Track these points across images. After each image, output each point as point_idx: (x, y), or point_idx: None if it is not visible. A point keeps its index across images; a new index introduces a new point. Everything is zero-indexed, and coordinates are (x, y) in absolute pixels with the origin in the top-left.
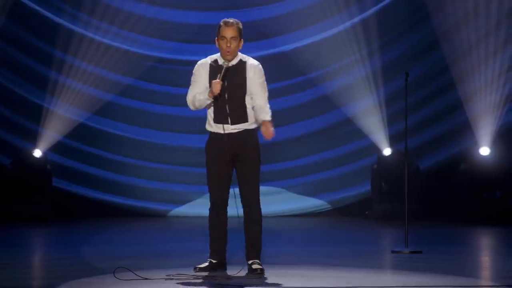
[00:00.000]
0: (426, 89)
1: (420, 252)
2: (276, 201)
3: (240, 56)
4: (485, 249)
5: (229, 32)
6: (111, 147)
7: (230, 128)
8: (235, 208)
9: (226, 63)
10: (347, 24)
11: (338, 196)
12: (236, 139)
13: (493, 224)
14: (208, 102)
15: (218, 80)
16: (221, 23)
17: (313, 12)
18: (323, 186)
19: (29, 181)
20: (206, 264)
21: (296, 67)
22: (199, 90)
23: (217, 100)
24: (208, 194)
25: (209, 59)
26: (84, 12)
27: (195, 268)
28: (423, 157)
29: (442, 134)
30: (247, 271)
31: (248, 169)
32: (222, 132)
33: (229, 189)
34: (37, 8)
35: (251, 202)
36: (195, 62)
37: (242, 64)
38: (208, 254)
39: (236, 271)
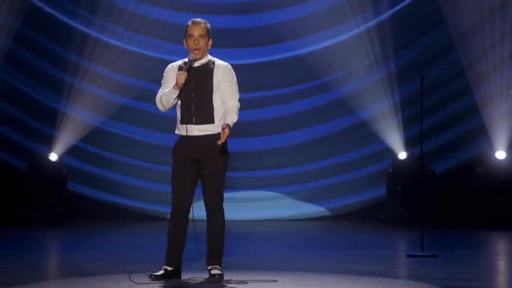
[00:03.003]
0: (441, 93)
1: (435, 256)
2: (286, 205)
3: (210, 57)
4: (501, 253)
5: (197, 31)
6: (126, 151)
7: (195, 129)
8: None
9: (193, 56)
10: (362, 27)
11: (353, 200)
12: (200, 143)
13: (508, 228)
14: (174, 96)
15: (183, 71)
16: (189, 23)
17: (328, 15)
18: (339, 190)
19: (44, 184)
20: (162, 272)
21: (311, 70)
22: None
23: (181, 93)
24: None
25: (180, 61)
26: (99, 16)
27: (150, 276)
28: (439, 161)
29: (457, 138)
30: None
31: (210, 176)
32: (189, 134)
33: (192, 196)
34: (53, 12)
35: (213, 210)
36: None
37: (210, 64)
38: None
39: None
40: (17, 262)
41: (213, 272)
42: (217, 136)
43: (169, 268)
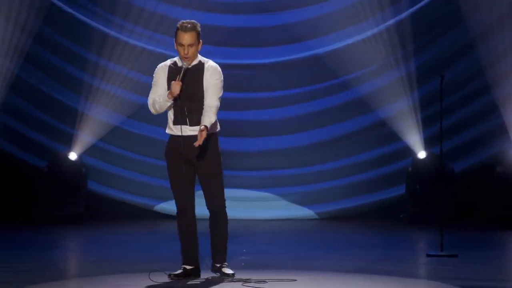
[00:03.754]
0: (461, 92)
1: (455, 255)
2: (303, 204)
3: (200, 57)
4: None
5: (186, 39)
6: (146, 150)
7: (188, 130)
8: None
9: (185, 64)
10: (381, 26)
11: (373, 199)
12: (193, 143)
13: None
14: (168, 104)
15: (177, 81)
16: (178, 27)
17: (347, 14)
18: (357, 189)
19: (64, 183)
20: (180, 271)
21: (330, 70)
22: (159, 93)
23: (177, 101)
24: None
25: (169, 61)
26: (118, 16)
27: (169, 275)
28: (458, 160)
29: (477, 137)
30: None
31: (207, 176)
32: (179, 134)
33: (193, 193)
34: (72, 12)
35: (215, 208)
36: (227, 65)
37: (200, 65)
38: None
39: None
40: (37, 260)
41: (226, 271)
42: (209, 136)
43: (188, 267)
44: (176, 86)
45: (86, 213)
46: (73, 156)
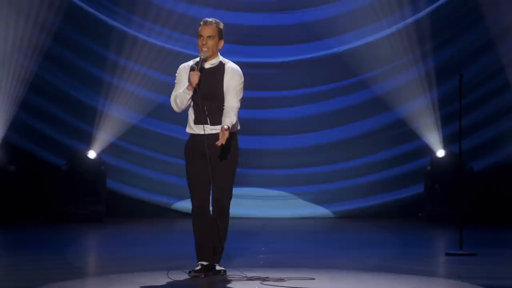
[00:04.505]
0: (480, 90)
1: (475, 254)
2: (321, 203)
3: (221, 58)
4: None
5: (206, 31)
6: (164, 149)
7: (209, 129)
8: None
9: (203, 54)
10: (400, 25)
11: (391, 198)
12: (214, 141)
13: None
14: (188, 96)
15: (195, 71)
16: (201, 23)
17: (366, 13)
18: (376, 188)
19: (83, 182)
20: (199, 267)
21: (348, 68)
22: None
23: (196, 93)
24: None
25: (191, 62)
26: (137, 15)
27: (189, 272)
28: (477, 158)
29: (496, 136)
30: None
31: (222, 174)
32: (202, 133)
33: (209, 191)
34: (92, 11)
35: (221, 206)
36: (247, 64)
37: (221, 66)
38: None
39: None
40: (56, 259)
41: (218, 268)
42: (230, 135)
43: (205, 263)
44: (195, 76)
45: (105, 212)
46: (92, 154)
